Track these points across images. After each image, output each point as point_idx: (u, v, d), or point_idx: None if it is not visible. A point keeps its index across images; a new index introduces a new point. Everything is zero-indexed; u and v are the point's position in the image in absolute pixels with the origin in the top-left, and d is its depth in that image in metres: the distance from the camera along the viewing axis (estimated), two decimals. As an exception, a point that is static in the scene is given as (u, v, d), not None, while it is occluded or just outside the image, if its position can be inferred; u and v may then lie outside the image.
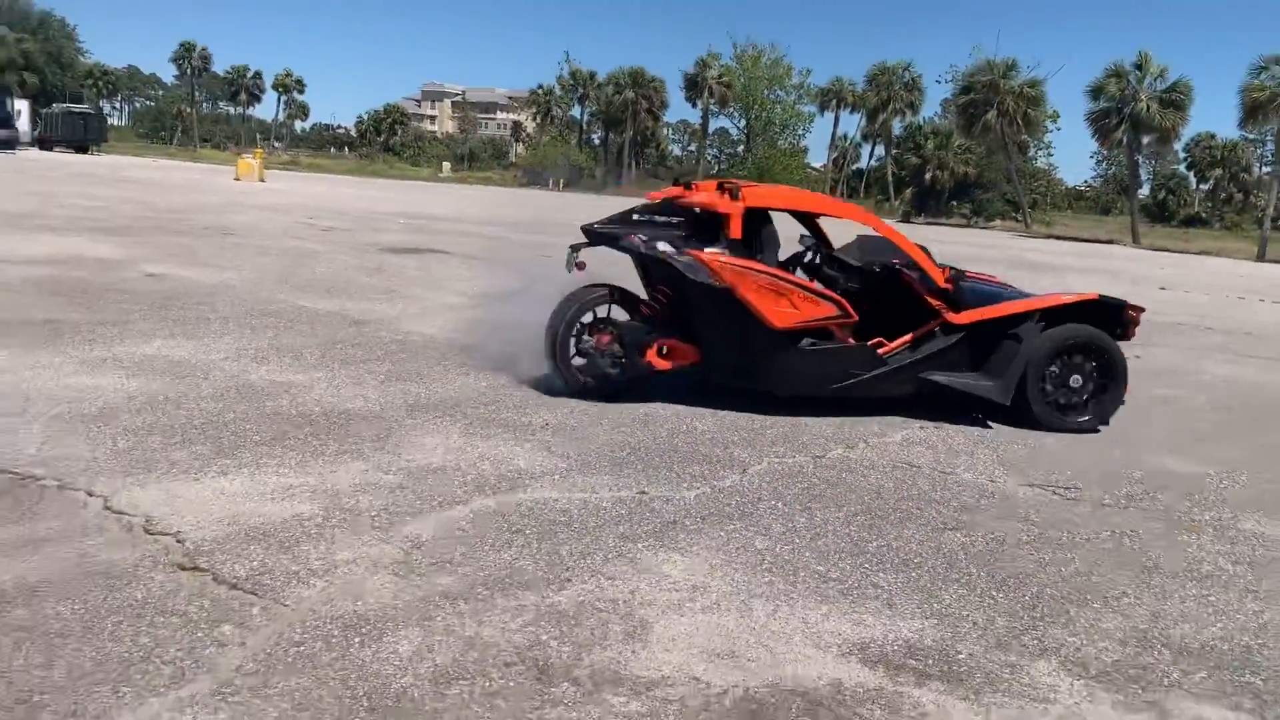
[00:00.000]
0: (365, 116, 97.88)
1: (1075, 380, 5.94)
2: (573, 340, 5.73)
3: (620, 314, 5.85)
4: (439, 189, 48.59)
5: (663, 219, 5.82)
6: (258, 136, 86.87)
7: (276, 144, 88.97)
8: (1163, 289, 18.08)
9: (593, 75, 77.41)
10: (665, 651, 2.81)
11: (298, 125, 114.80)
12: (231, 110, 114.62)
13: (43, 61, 78.15)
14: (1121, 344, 6.04)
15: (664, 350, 5.77)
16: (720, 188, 5.85)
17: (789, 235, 6.36)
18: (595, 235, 5.84)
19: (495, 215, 26.26)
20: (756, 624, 3.03)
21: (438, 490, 4.02)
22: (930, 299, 5.99)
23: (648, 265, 5.96)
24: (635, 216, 5.85)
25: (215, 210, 19.21)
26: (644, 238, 5.66)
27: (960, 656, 2.92)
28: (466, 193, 45.76)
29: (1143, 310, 6.24)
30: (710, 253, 5.52)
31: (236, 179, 35.26)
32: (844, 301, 5.78)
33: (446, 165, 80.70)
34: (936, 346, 5.89)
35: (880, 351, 5.85)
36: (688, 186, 6.06)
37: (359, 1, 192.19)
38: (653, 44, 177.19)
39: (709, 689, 2.62)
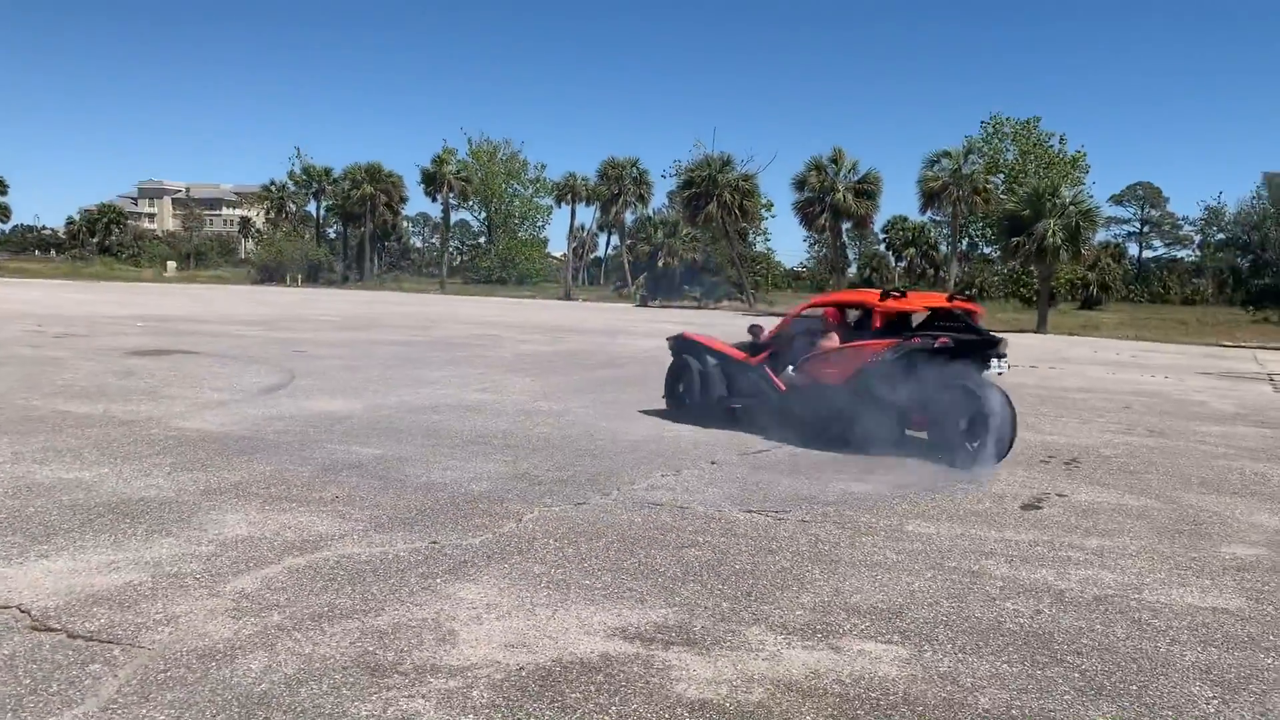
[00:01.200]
0: (77, 217, 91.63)
1: None
2: None
3: None
4: (167, 290, 46.43)
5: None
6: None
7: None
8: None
9: (328, 170, 76.55)
10: (471, 648, 3.57)
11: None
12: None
13: None
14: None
15: None
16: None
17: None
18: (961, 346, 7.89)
19: (235, 314, 25.78)
20: (540, 623, 3.84)
21: (250, 554, 4.57)
22: None
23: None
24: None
25: (-75, 321, 17.94)
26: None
27: (695, 629, 3.85)
28: (199, 292, 44.02)
29: None
30: None
31: (-65, 287, 32.42)
32: None
33: (171, 265, 76.82)
34: None
35: None
36: (902, 294, 8.44)
37: (62, 97, 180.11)
38: (387, 139, 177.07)
39: (509, 667, 3.41)
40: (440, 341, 19.13)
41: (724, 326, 32.12)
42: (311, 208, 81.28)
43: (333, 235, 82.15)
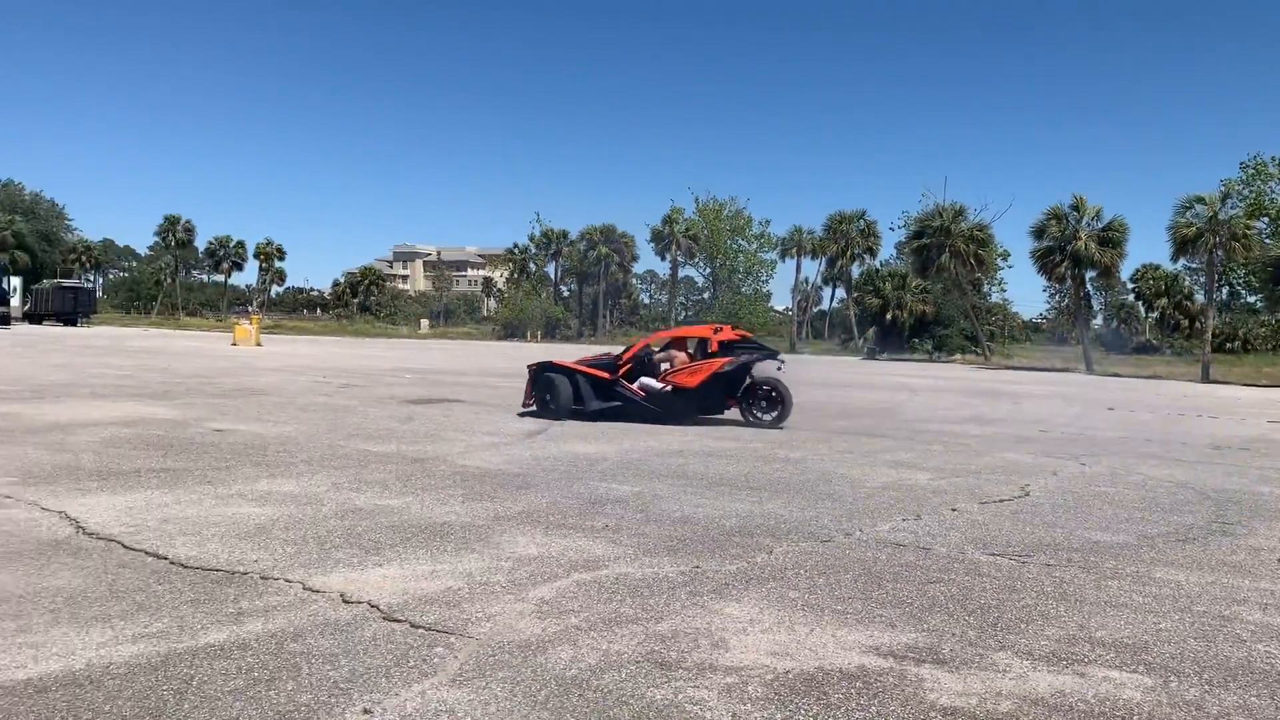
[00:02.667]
0: (341, 279, 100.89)
1: None
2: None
3: None
4: (424, 345, 50.33)
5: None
6: (253, 302, 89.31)
7: (256, 309, 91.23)
8: (1110, 409, 19.73)
9: (564, 233, 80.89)
10: (741, 654, 4.08)
11: (273, 289, 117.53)
12: (205, 278, 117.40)
13: (33, 240, 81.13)
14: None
15: None
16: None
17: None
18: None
19: (488, 366, 27.79)
20: (800, 638, 4.31)
21: (542, 570, 5.29)
22: None
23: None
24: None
25: (234, 374, 20.56)
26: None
27: (944, 651, 4.20)
28: (451, 347, 47.46)
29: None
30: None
31: (234, 344, 36.74)
32: None
33: (425, 322, 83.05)
34: None
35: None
36: (719, 329, 13.76)
37: (327, 171, 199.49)
38: (617, 200, 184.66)
39: (776, 669, 3.89)
40: (676, 393, 19.97)
41: (959, 380, 31.25)
42: (550, 268, 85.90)
43: (565, 293, 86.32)
